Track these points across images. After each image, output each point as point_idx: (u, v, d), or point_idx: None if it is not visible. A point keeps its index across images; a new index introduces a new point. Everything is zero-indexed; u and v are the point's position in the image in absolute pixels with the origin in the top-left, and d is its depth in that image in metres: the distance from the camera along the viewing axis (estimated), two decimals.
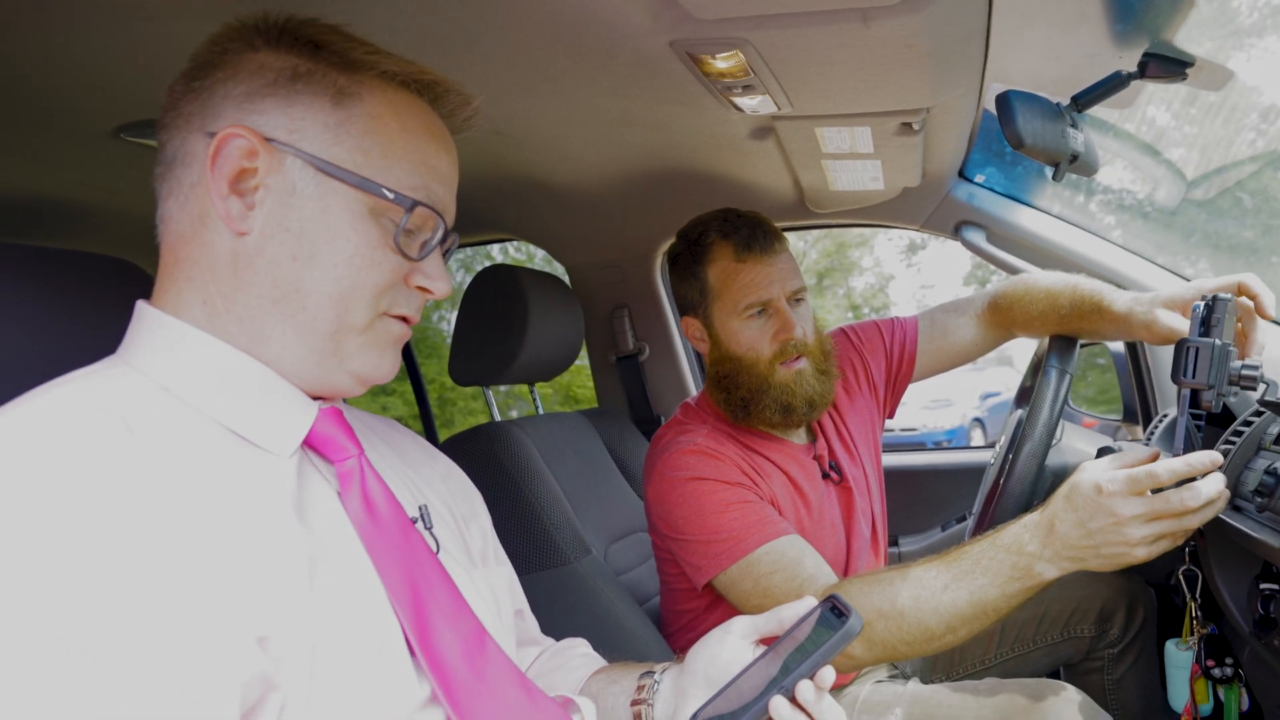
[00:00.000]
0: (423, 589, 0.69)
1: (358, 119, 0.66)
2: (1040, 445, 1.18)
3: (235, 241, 0.64)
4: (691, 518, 1.22)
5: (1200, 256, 1.89)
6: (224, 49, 0.67)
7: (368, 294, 0.67)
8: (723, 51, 1.01)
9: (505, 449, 1.44)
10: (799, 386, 1.30)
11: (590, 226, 1.89)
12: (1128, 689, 1.41)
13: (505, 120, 1.33)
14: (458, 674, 0.67)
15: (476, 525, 0.89)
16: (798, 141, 1.38)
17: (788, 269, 1.32)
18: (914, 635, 1.03)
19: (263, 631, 0.55)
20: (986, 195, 1.70)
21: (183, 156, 0.66)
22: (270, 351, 0.66)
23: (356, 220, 0.66)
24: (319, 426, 0.68)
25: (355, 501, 0.68)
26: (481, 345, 1.55)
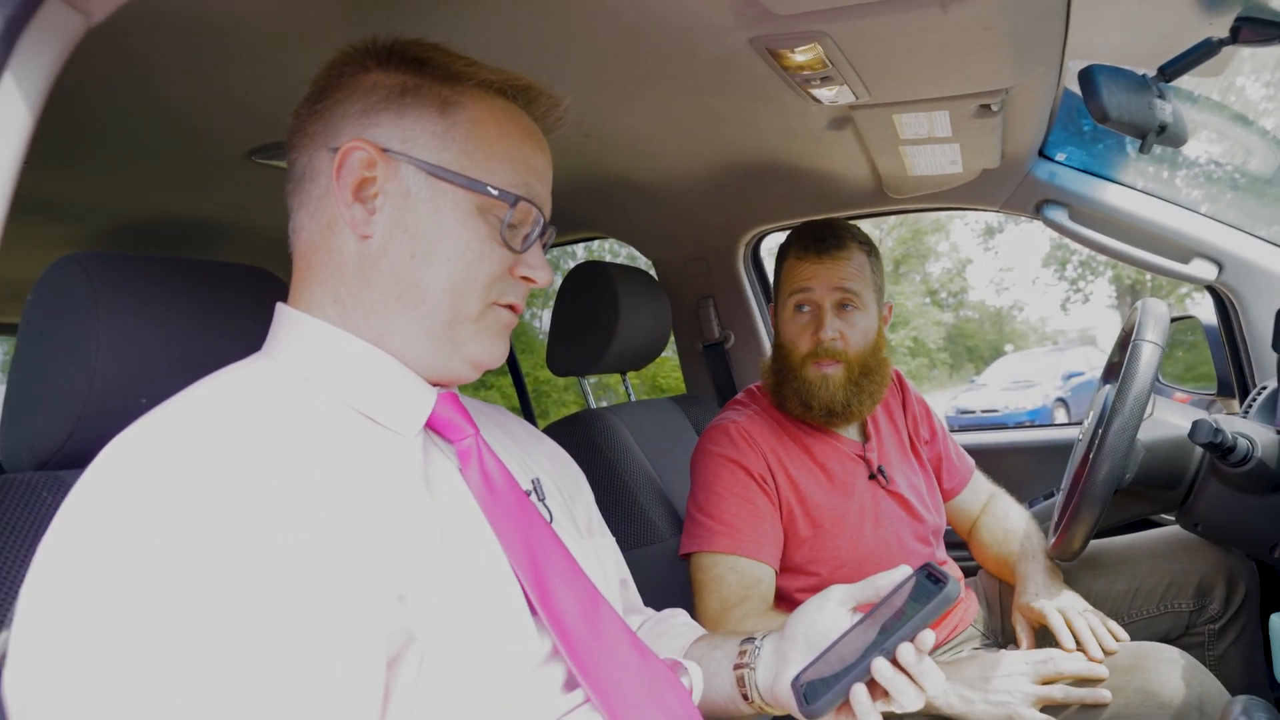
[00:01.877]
0: (540, 554, 0.75)
1: (461, 125, 0.73)
2: (1132, 419, 1.19)
3: (360, 245, 0.71)
4: (702, 487, 1.36)
5: None
6: (340, 72, 0.74)
7: (479, 285, 0.74)
8: (801, 45, 1.05)
9: (601, 434, 1.52)
10: (821, 389, 1.38)
11: (675, 221, 1.96)
12: (1230, 664, 1.39)
13: (593, 123, 1.40)
14: (576, 631, 0.73)
15: (581, 501, 0.96)
16: (875, 129, 1.41)
17: (840, 275, 1.40)
18: None
19: (402, 590, 0.61)
20: (1068, 173, 1.68)
21: (310, 172, 0.73)
22: (395, 343, 0.73)
23: (466, 218, 0.73)
24: (439, 410, 0.75)
25: (475, 476, 0.75)
26: (576, 337, 1.64)
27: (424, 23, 0.97)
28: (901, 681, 0.73)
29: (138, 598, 0.51)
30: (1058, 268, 21.36)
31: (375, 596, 0.59)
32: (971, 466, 1.69)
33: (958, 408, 11.41)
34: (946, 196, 1.81)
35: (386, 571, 0.61)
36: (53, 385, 0.74)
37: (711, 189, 1.78)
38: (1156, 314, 1.27)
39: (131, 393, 0.74)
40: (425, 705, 0.62)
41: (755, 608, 1.26)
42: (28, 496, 0.71)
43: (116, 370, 0.74)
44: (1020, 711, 1.10)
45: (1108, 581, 1.46)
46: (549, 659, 0.72)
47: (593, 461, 1.46)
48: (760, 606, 1.26)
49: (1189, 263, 1.63)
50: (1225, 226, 1.62)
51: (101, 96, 1.08)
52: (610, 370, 1.76)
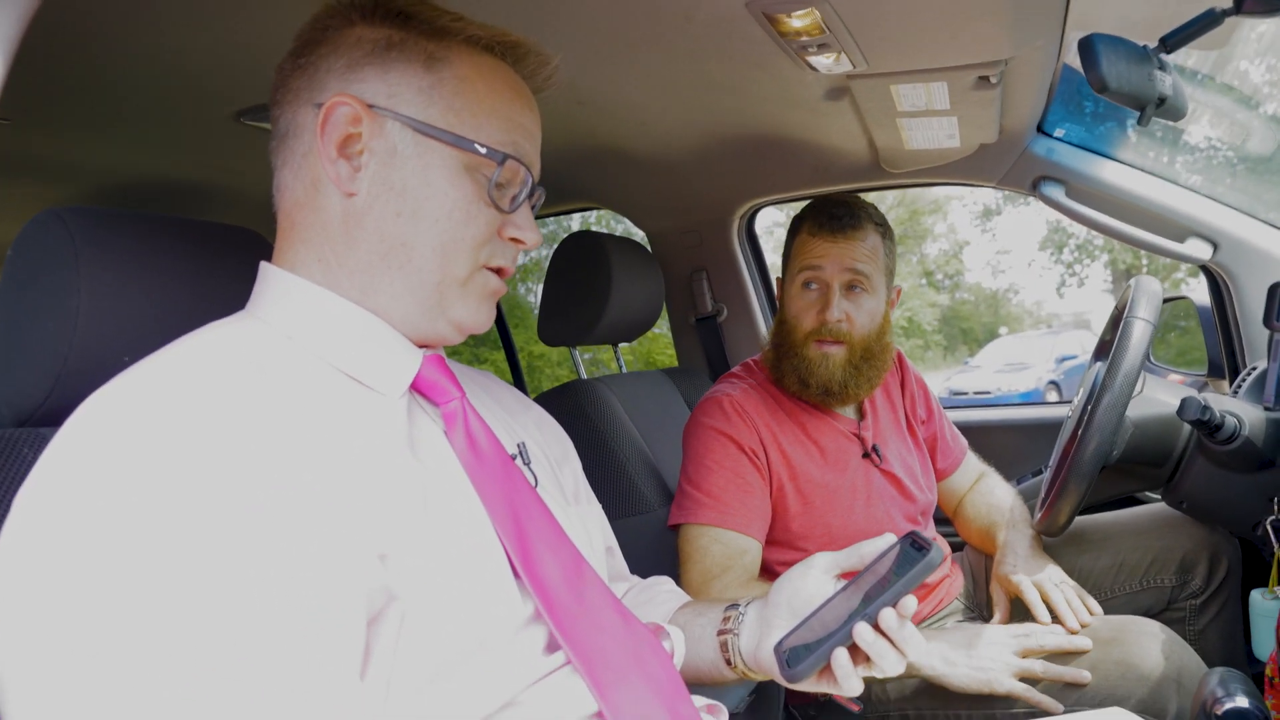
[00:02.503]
0: (524, 518, 0.74)
1: (448, 82, 0.71)
2: (1121, 396, 1.19)
3: (345, 202, 0.70)
4: (693, 458, 1.36)
5: None
6: (325, 26, 0.73)
7: (467, 246, 0.73)
8: (798, 10, 1.03)
9: (592, 404, 1.52)
10: (821, 368, 1.38)
11: (668, 193, 1.94)
12: (1210, 640, 1.41)
13: (587, 90, 1.39)
14: (559, 595, 0.73)
15: (568, 467, 0.96)
16: (873, 100, 1.39)
17: (852, 256, 1.39)
18: None
19: (383, 549, 0.61)
20: (1066, 149, 1.67)
21: (294, 129, 0.72)
22: (379, 302, 0.72)
23: (453, 176, 0.71)
24: (424, 372, 0.74)
25: (460, 439, 0.74)
26: (568, 308, 1.63)
27: None
28: (883, 646, 0.73)
29: (114, 553, 0.51)
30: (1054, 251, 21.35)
31: (356, 554, 0.59)
32: (965, 447, 1.69)
33: (951, 389, 11.45)
34: (943, 171, 1.79)
35: (368, 530, 0.61)
36: (33, 341, 0.73)
37: (706, 160, 1.76)
38: (1149, 292, 1.26)
39: (113, 349, 0.73)
40: (406, 665, 0.62)
41: (737, 578, 1.26)
42: (8, 453, 0.71)
43: (98, 326, 0.73)
44: (1001, 680, 1.11)
45: (1092, 557, 1.47)
46: (531, 621, 0.72)
47: (583, 431, 1.46)
48: (743, 577, 1.27)
49: (1184, 242, 1.62)
50: (1221, 206, 1.61)
51: (85, 52, 1.06)
52: (601, 341, 1.76)
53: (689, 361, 2.20)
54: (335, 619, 0.56)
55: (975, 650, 1.14)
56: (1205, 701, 0.90)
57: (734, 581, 1.26)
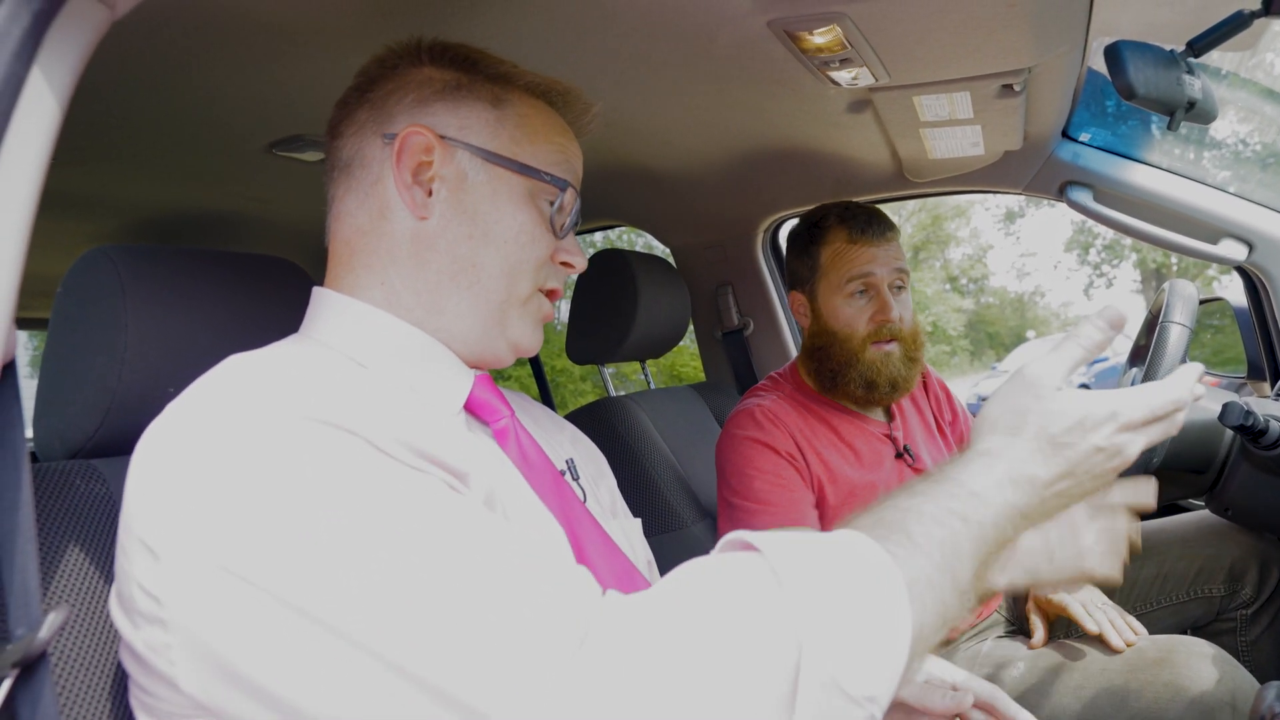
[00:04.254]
0: (579, 529, 0.78)
1: (511, 118, 0.78)
2: None
3: (417, 226, 0.75)
4: (734, 473, 1.35)
5: None
6: (394, 65, 0.78)
7: (530, 267, 0.78)
8: (820, 27, 1.04)
9: (622, 421, 1.53)
10: (885, 367, 1.40)
11: (693, 209, 1.95)
12: (1264, 651, 1.38)
13: (612, 110, 1.40)
14: None
15: (605, 484, 0.98)
16: (895, 112, 1.39)
17: (894, 257, 1.43)
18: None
19: (487, 490, 0.68)
20: (1092, 154, 1.66)
21: (360, 158, 0.76)
22: (443, 321, 0.76)
23: (520, 201, 0.77)
24: (476, 391, 0.78)
25: (514, 453, 0.78)
26: (595, 326, 1.64)
27: (441, 18, 0.97)
28: None
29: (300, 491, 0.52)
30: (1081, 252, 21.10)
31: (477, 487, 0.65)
32: None
33: (979, 395, 11.31)
34: (968, 179, 1.78)
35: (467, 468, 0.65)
36: (83, 375, 0.76)
37: (729, 175, 1.77)
38: (1185, 295, 1.25)
39: (160, 382, 0.75)
40: None
41: None
42: (61, 485, 0.73)
43: (145, 360, 0.76)
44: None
45: (1135, 567, 1.44)
46: None
47: (614, 449, 1.46)
48: None
49: (1218, 243, 1.60)
50: (1255, 205, 1.58)
51: (125, 91, 1.09)
52: (629, 358, 1.76)
53: (717, 376, 2.20)
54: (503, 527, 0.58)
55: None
56: (1263, 716, 0.87)
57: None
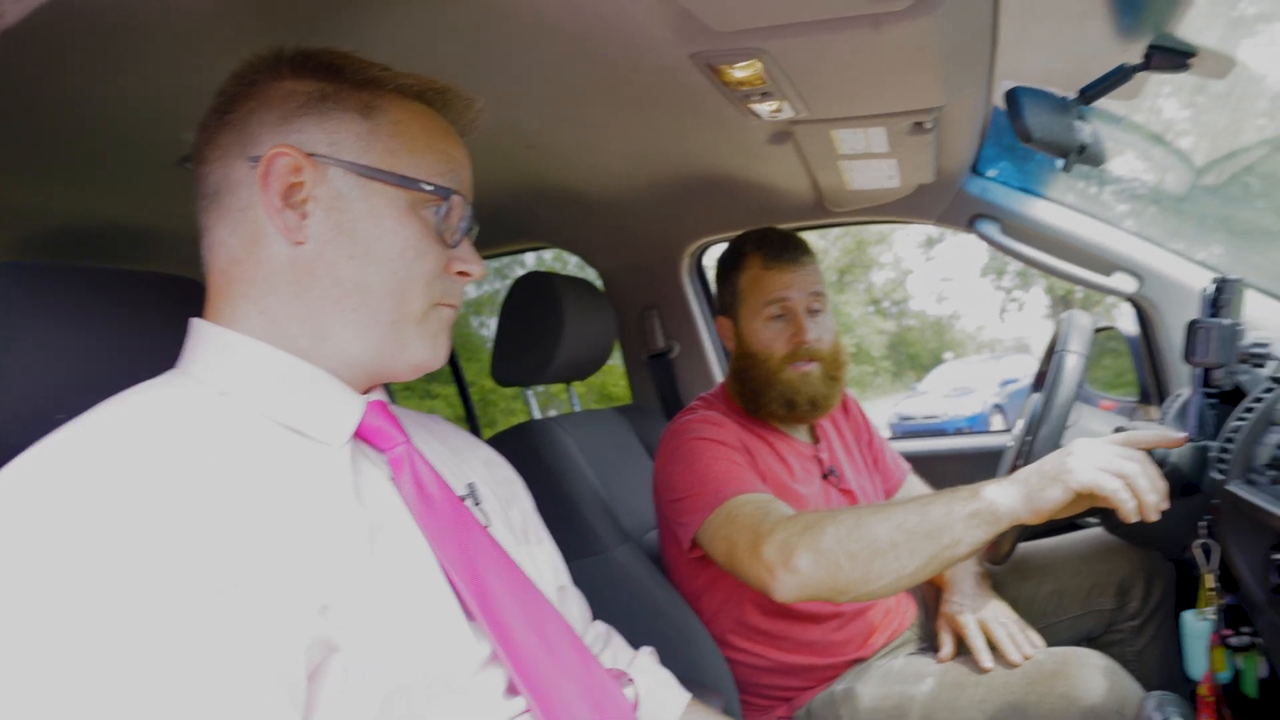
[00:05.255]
0: (478, 559, 0.75)
1: (384, 126, 0.73)
2: (1056, 427, 1.24)
3: (293, 251, 0.71)
4: (685, 470, 1.32)
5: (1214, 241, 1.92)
6: (252, 81, 0.73)
7: (421, 283, 0.75)
8: (741, 61, 1.07)
9: (546, 445, 1.52)
10: (804, 386, 1.44)
11: (619, 232, 1.96)
12: (1149, 660, 1.45)
13: (536, 134, 1.41)
14: (517, 634, 0.73)
15: (518, 507, 0.96)
16: (815, 144, 1.44)
17: (809, 281, 1.47)
18: (860, 546, 1.03)
19: (325, 600, 0.61)
20: (999, 189, 1.75)
21: (228, 185, 0.72)
22: (329, 348, 0.73)
23: (401, 215, 0.73)
24: (368, 419, 0.75)
25: (407, 484, 0.75)
26: (521, 347, 1.63)
27: (351, 31, 0.96)
28: None
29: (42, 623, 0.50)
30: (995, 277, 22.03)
31: (294, 610, 0.59)
32: (907, 469, 1.73)
33: (900, 414, 11.65)
34: (884, 210, 1.85)
35: (308, 583, 0.61)
36: None
37: (654, 200, 1.79)
38: (1080, 326, 1.32)
39: (43, 409, 0.71)
40: (356, 715, 0.61)
41: (784, 509, 1.19)
42: None
43: (27, 385, 0.72)
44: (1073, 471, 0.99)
45: (1035, 584, 1.51)
46: (488, 664, 0.72)
47: (536, 472, 1.45)
48: (788, 510, 1.19)
49: (1111, 276, 1.70)
50: (1144, 241, 1.69)
51: (21, 99, 1.04)
52: (555, 380, 1.76)
53: (643, 399, 2.21)
54: (272, 681, 0.56)
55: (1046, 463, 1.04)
56: None
57: (782, 509, 1.19)
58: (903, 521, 1.03)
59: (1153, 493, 0.95)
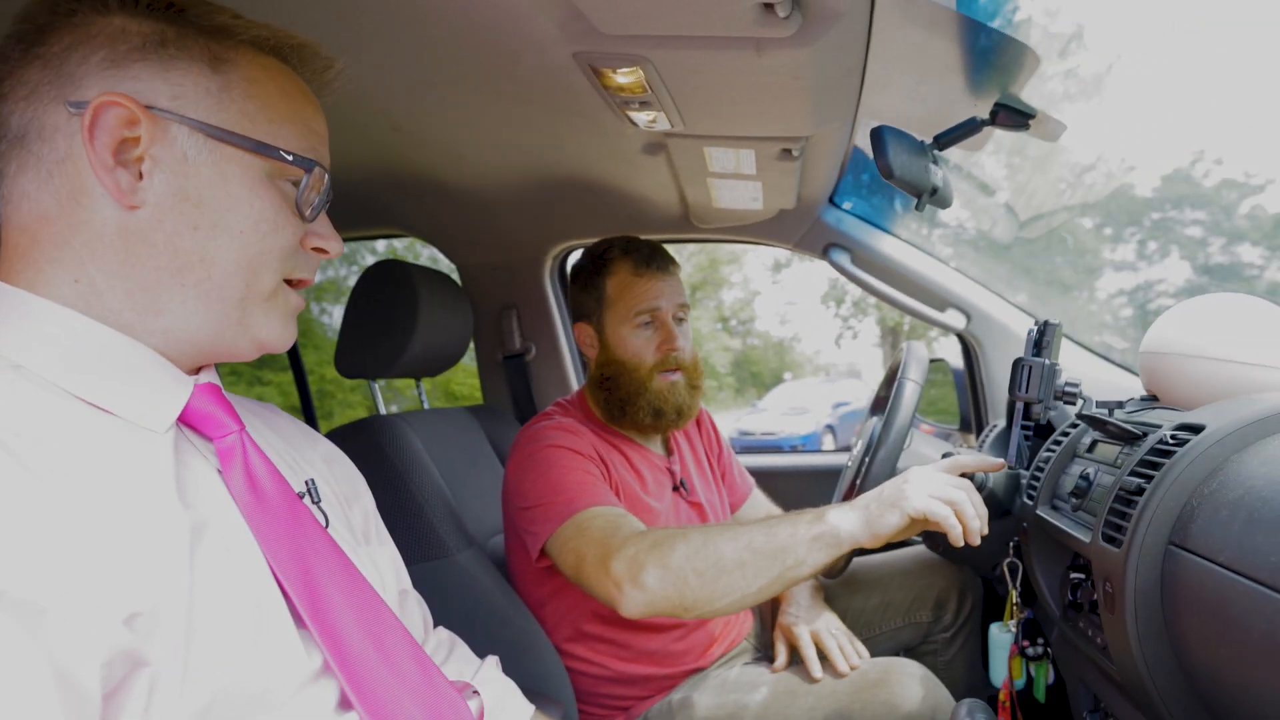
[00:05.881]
0: (312, 561, 0.69)
1: (237, 84, 0.67)
2: (895, 449, 1.31)
3: (125, 216, 0.63)
4: (538, 478, 1.29)
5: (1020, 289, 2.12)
6: (70, 10, 0.63)
7: (274, 259, 0.69)
8: (624, 67, 1.07)
9: (390, 442, 1.44)
10: (672, 395, 1.45)
11: (482, 228, 1.91)
12: (957, 668, 1.57)
13: (404, 117, 1.34)
14: (351, 643, 0.68)
15: (359, 506, 0.90)
16: (687, 159, 1.46)
17: (677, 289, 1.48)
18: (707, 565, 1.05)
19: (134, 608, 0.54)
20: (852, 221, 1.85)
21: (38, 130, 0.62)
22: (164, 321, 0.65)
23: (256, 185, 0.67)
24: (195, 403, 0.68)
25: (238, 478, 0.68)
26: (370, 338, 1.54)
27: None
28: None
29: None
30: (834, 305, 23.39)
31: (91, 619, 0.51)
32: (751, 484, 1.79)
33: (740, 429, 12.11)
34: (746, 231, 1.91)
35: (112, 588, 0.53)
36: None
37: (522, 199, 1.76)
38: (919, 356, 1.41)
39: None
40: None
41: (635, 525, 1.19)
42: None
43: None
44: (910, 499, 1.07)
45: (863, 597, 1.60)
46: (319, 675, 0.66)
47: (380, 470, 1.38)
48: (639, 526, 1.19)
49: (944, 311, 1.84)
50: (973, 282, 1.84)
51: None
52: (404, 375, 1.68)
53: (494, 400, 2.16)
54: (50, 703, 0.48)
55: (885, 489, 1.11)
56: None
57: (633, 524, 1.18)
58: (750, 541, 1.05)
59: (976, 519, 1.03)
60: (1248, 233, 15.52)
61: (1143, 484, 0.86)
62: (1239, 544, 0.71)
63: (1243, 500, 0.74)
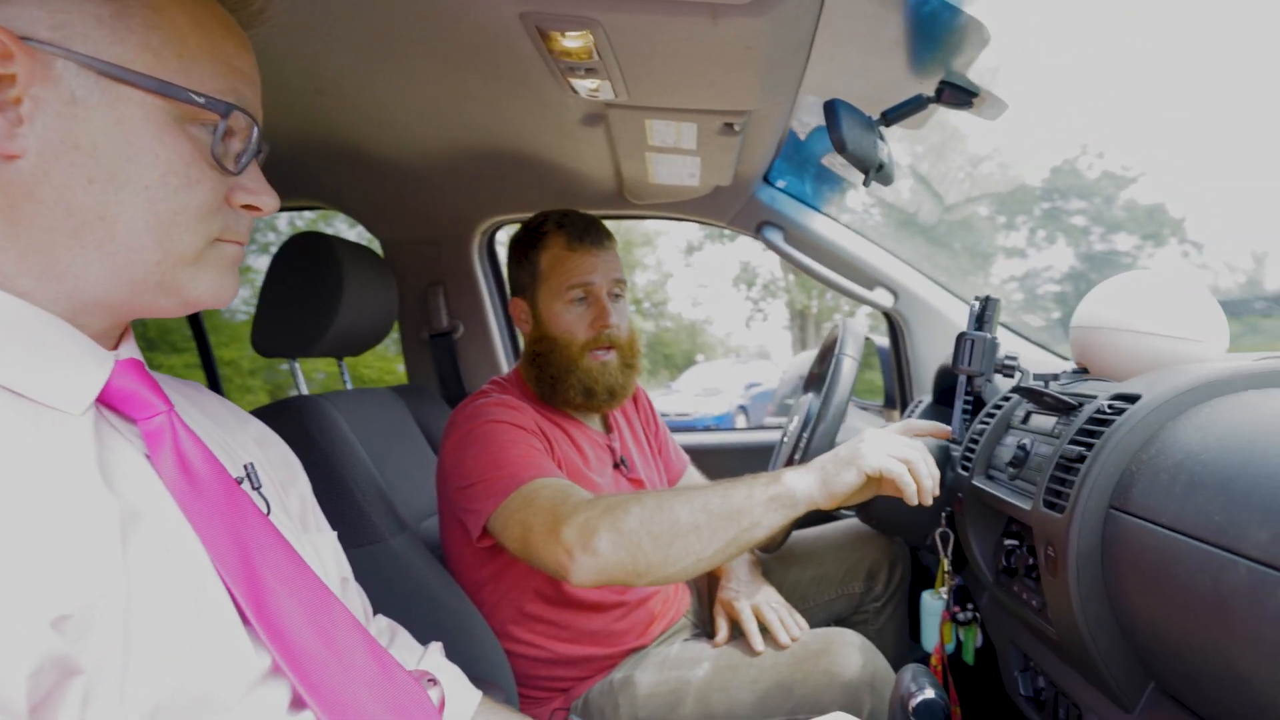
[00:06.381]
0: (255, 553, 0.64)
1: (136, 12, 0.58)
2: (834, 423, 1.33)
3: (4, 167, 0.56)
4: (480, 455, 1.24)
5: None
6: None
7: (191, 218, 0.61)
8: (574, 30, 1.03)
9: (316, 423, 1.37)
10: (603, 375, 1.42)
11: (409, 201, 1.83)
12: (886, 637, 1.62)
13: (330, 79, 1.26)
14: (302, 641, 0.64)
15: (295, 491, 0.84)
16: (627, 131, 1.43)
17: (612, 265, 1.45)
18: (662, 528, 1.03)
19: (60, 610, 0.49)
20: (786, 200, 1.86)
21: None
22: (67, 286, 0.58)
23: (161, 132, 0.59)
24: (116, 381, 0.61)
25: (168, 462, 0.62)
26: (290, 315, 1.45)
27: None
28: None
29: None
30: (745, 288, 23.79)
31: (14, 625, 0.46)
32: (687, 461, 1.79)
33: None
34: (680, 207, 1.90)
35: (34, 590, 0.48)
36: None
37: (453, 170, 1.69)
38: (855, 333, 1.43)
39: None
40: None
41: (584, 494, 1.14)
42: None
43: None
44: (866, 458, 1.06)
45: (799, 570, 1.62)
46: (268, 676, 0.62)
47: (306, 454, 1.27)
48: (588, 495, 1.15)
49: (873, 290, 1.88)
50: (901, 262, 1.89)
51: None
52: (326, 354, 1.60)
53: (420, 379, 2.08)
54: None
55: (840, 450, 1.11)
56: (902, 697, 1.01)
57: (583, 494, 1.14)
58: (706, 504, 1.04)
59: (929, 479, 1.05)
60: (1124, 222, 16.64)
61: (1084, 451, 0.90)
62: (1181, 506, 0.74)
63: (1183, 464, 0.77)
